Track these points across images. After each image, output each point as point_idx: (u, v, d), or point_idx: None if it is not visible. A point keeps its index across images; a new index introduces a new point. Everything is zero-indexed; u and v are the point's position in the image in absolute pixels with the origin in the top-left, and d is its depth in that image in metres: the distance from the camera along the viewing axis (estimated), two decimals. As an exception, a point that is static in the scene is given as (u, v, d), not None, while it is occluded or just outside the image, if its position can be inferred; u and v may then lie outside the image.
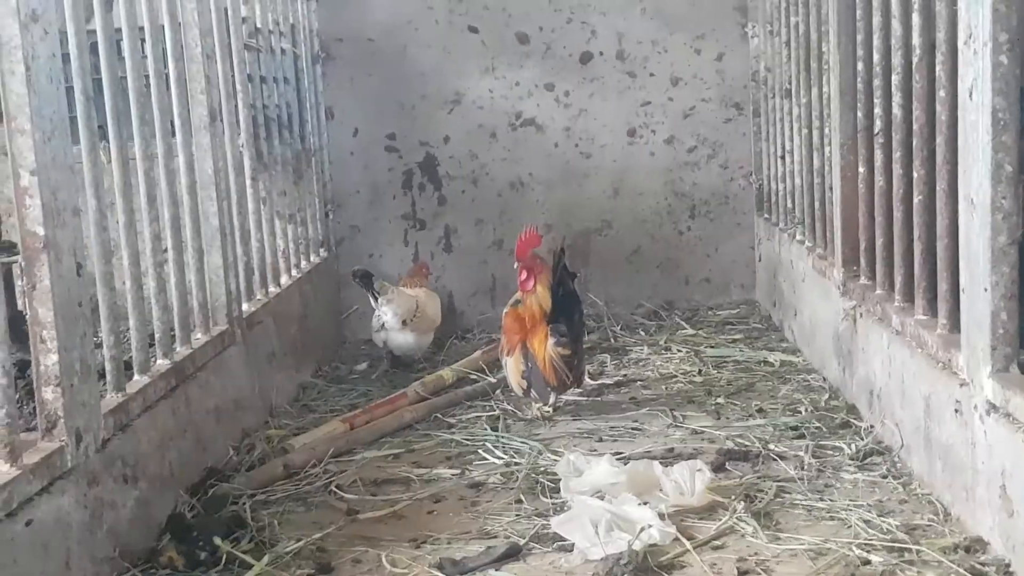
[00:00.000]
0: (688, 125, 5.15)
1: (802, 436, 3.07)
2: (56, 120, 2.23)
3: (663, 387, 3.81)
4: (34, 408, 2.23)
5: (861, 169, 3.20)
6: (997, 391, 2.14)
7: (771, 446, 2.98)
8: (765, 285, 4.94)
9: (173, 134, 3.14)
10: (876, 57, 3.00)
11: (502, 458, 3.07)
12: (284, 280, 4.25)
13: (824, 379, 3.65)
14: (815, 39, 3.76)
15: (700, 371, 3.94)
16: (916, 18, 2.64)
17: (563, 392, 3.60)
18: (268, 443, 3.24)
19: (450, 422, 3.52)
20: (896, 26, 2.80)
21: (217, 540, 2.42)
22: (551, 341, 3.50)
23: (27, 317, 2.22)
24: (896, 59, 2.82)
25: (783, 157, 4.47)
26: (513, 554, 2.35)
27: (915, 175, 2.68)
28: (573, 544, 2.33)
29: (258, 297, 3.87)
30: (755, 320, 4.80)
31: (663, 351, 4.37)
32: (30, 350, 2.23)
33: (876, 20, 2.98)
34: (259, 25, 4.17)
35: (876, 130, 3.02)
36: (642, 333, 4.69)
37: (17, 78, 2.12)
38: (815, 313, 3.83)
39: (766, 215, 4.91)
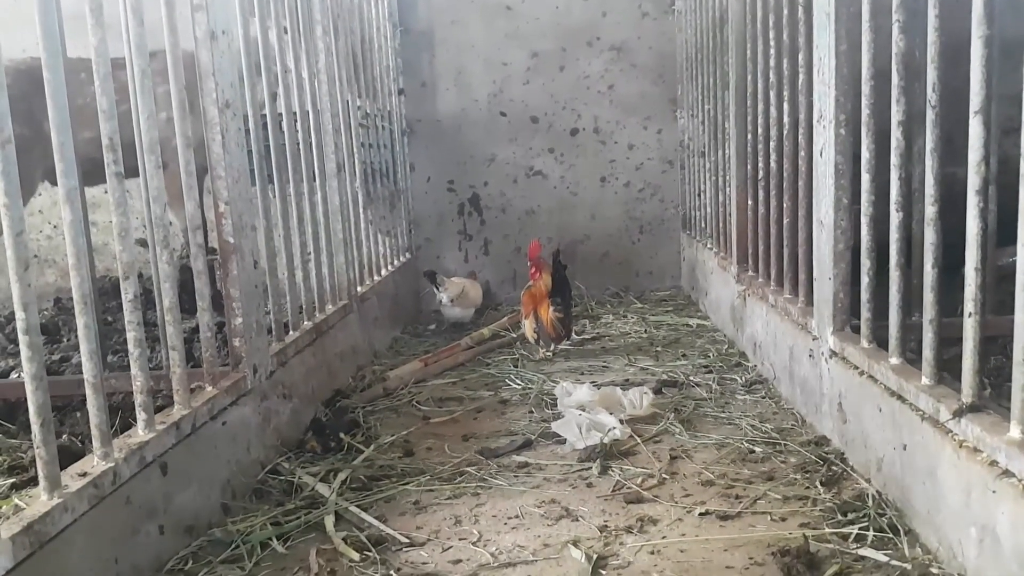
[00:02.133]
0: (639, 174, 5.08)
1: (710, 372, 3.02)
2: (240, 170, 2.22)
3: (622, 341, 3.76)
4: (227, 352, 2.23)
5: (750, 203, 3.14)
6: (836, 343, 2.10)
7: (691, 378, 2.95)
8: (687, 276, 4.87)
9: (314, 179, 3.12)
10: (760, 131, 2.95)
11: (520, 384, 3.05)
12: (383, 272, 4.23)
13: (724, 336, 3.59)
14: (720, 119, 3.70)
15: (646, 331, 3.89)
16: (785, 106, 2.59)
17: (559, 342, 3.56)
18: (373, 375, 3.22)
19: (487, 362, 3.49)
20: (772, 111, 2.75)
21: (342, 435, 2.41)
22: (551, 309, 3.47)
23: (223, 295, 2.21)
24: (772, 131, 2.77)
25: (699, 195, 4.41)
26: (527, 445, 2.33)
27: (785, 206, 2.63)
28: (565, 439, 2.31)
29: (367, 282, 3.85)
30: (680, 299, 4.73)
31: (622, 318, 4.32)
32: (225, 316, 2.23)
33: (760, 107, 2.93)
34: (368, 112, 4.14)
35: (759, 177, 2.97)
36: (608, 306, 4.63)
37: (216, 143, 2.11)
38: (719, 294, 3.78)
39: (688, 231, 4.84)
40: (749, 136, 3.10)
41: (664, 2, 4.93)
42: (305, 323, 2.85)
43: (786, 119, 2.58)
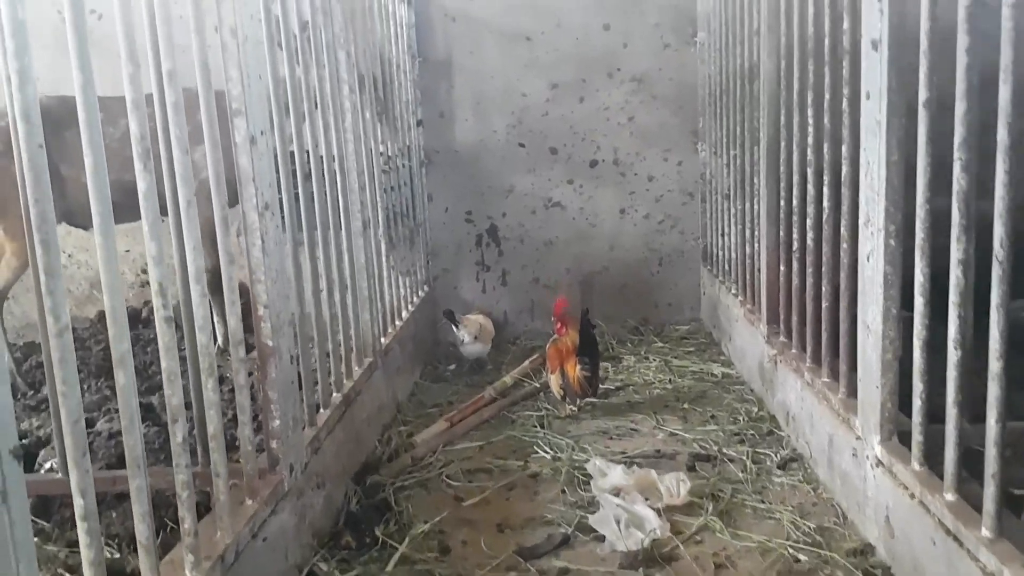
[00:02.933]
0: (659, 206, 5.04)
1: (743, 442, 3.00)
2: (278, 270, 2.18)
3: (647, 392, 3.74)
4: (264, 450, 2.20)
5: (782, 268, 3.10)
6: (883, 454, 2.07)
7: (724, 450, 2.93)
8: (707, 311, 4.84)
9: (342, 243, 3.08)
10: (795, 201, 2.90)
11: (549, 452, 3.03)
12: (404, 314, 4.20)
13: (752, 393, 3.57)
14: (747, 170, 3.65)
15: (670, 380, 3.86)
16: (825, 189, 2.54)
17: (585, 398, 3.54)
18: (400, 438, 3.20)
19: (512, 418, 3.47)
20: (810, 188, 2.71)
21: (376, 530, 2.40)
22: (579, 367, 3.45)
23: (261, 396, 2.19)
24: (810, 209, 2.72)
25: (723, 235, 4.37)
26: (565, 542, 2.31)
27: (824, 289, 2.59)
28: (604, 536, 2.29)
29: (390, 331, 3.82)
30: (702, 336, 4.70)
31: (643, 360, 4.29)
32: (261, 416, 2.20)
33: (795, 178, 2.88)
34: (391, 155, 4.09)
35: (793, 248, 2.92)
36: (629, 345, 4.60)
37: (256, 248, 2.07)
38: (745, 344, 3.74)
39: (709, 267, 4.81)
40: (782, 203, 3.05)
41: (686, 33, 4.86)
42: (335, 396, 2.82)
43: (825, 202, 2.53)
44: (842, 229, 2.37)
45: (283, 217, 2.37)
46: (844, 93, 2.30)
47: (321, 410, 2.68)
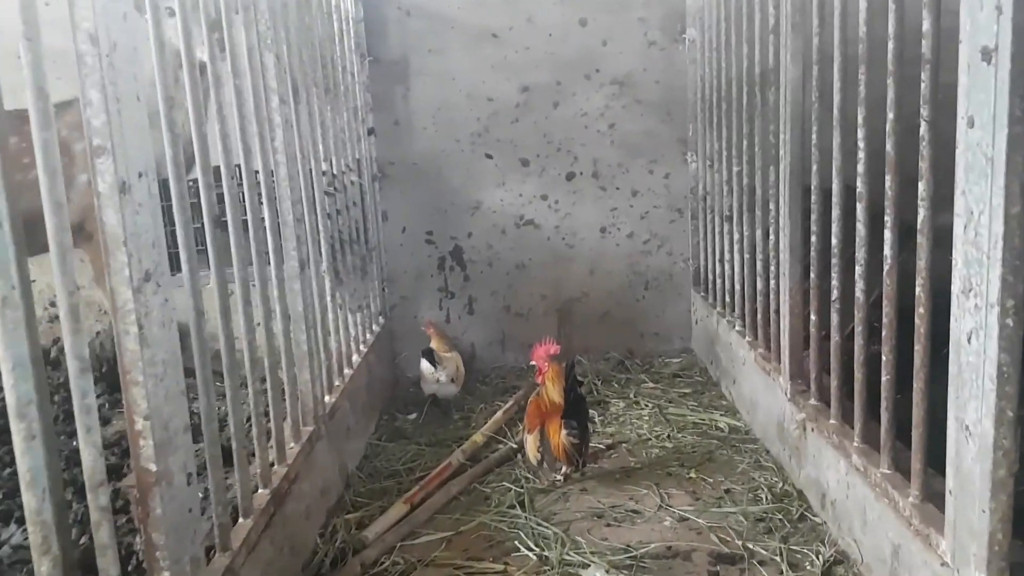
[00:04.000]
0: (644, 224, 4.51)
1: (770, 531, 2.47)
2: (167, 364, 1.57)
3: (643, 452, 3.19)
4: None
5: (813, 317, 2.58)
6: (994, 601, 1.55)
7: (750, 545, 2.39)
8: (702, 344, 4.32)
9: (272, 289, 2.49)
10: (836, 241, 2.38)
11: (534, 550, 2.46)
12: (356, 359, 3.60)
13: (768, 452, 3.05)
14: (758, 191, 3.12)
15: (669, 436, 3.32)
16: (888, 233, 2.02)
17: (571, 468, 2.98)
18: (346, 530, 2.61)
19: (486, 493, 2.90)
20: (860, 227, 2.18)
21: None
22: (564, 432, 2.89)
23: (141, 536, 1.58)
24: (860, 253, 2.20)
25: (720, 261, 3.86)
26: None
27: (884, 358, 2.07)
28: None
29: (337, 384, 3.22)
30: (696, 373, 4.18)
31: (634, 405, 3.76)
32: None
33: (837, 212, 2.35)
34: (335, 172, 3.48)
35: (834, 298, 2.40)
36: (615, 385, 4.06)
37: (131, 338, 1.47)
38: (756, 394, 3.22)
39: (702, 292, 4.29)
40: (814, 237, 2.53)
41: (674, 30, 4.33)
42: (260, 493, 2.22)
43: (887, 249, 2.01)
44: (917, 288, 1.85)
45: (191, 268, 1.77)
46: (923, 115, 1.77)
47: (241, 519, 2.08)
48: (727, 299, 3.69)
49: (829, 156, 2.33)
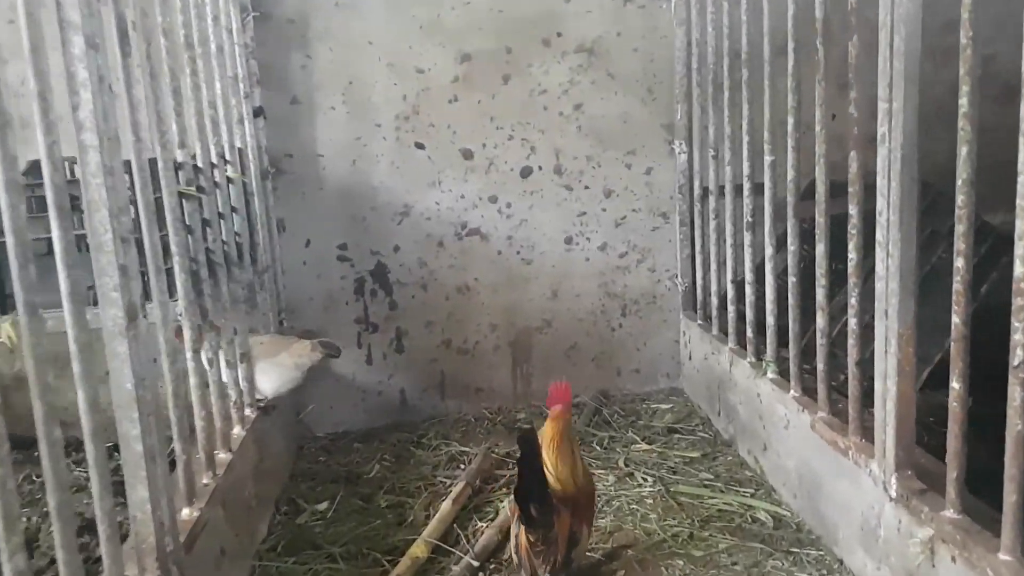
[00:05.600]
0: (620, 233, 3.59)
1: None
2: None
3: (661, 566, 2.25)
4: None
5: (955, 386, 1.69)
6: None
7: None
8: (699, 385, 3.43)
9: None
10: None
11: None
12: (236, 432, 2.55)
13: (842, 562, 2.16)
14: (825, 191, 2.24)
15: (691, 534, 2.40)
16: None
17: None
18: None
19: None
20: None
21: None
22: (522, 526, 1.99)
23: None
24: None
25: (732, 281, 2.98)
26: None
27: None
28: None
29: (204, 483, 2.17)
30: (697, 425, 3.28)
31: (626, 475, 2.83)
32: None
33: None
34: (200, 164, 2.41)
35: (1016, 364, 1.51)
36: (596, 447, 3.12)
37: None
38: (817, 473, 2.33)
39: (700, 321, 3.40)
40: (960, 267, 1.63)
41: (657, -18, 3.43)
42: None
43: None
44: None
45: None
46: None
47: None
48: (750, 333, 2.80)
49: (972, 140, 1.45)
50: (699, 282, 3.40)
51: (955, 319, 1.59)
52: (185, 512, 2.00)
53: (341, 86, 3.31)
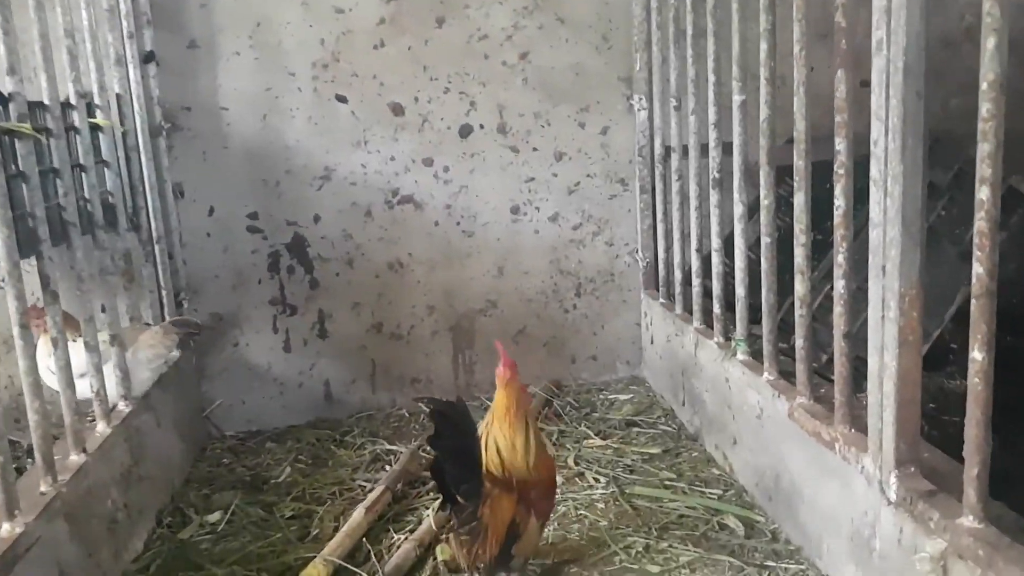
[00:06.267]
0: (573, 201, 3.22)
1: None
2: None
3: (615, 582, 1.89)
4: None
5: (977, 380, 1.34)
6: None
7: None
8: (662, 373, 3.07)
9: None
10: None
11: None
12: (99, 430, 2.14)
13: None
14: (808, 143, 1.88)
15: (647, 547, 2.03)
16: None
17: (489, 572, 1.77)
18: None
19: None
20: None
21: None
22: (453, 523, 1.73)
23: None
24: None
25: (698, 250, 2.62)
26: None
27: None
28: None
29: (42, 491, 1.76)
30: (659, 417, 2.92)
31: (577, 477, 2.46)
32: None
33: None
34: (47, 101, 2.00)
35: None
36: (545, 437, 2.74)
37: None
38: (798, 473, 1.97)
39: (662, 299, 3.05)
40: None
41: (613, -89, 3.06)
42: None
43: None
44: None
45: None
46: None
47: None
48: (717, 310, 2.44)
49: None
50: (661, 256, 3.05)
51: (977, 269, 1.23)
52: (5, 528, 1.59)
53: (247, 28, 2.90)
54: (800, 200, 1.84)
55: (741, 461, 2.30)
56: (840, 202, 1.66)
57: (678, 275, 2.83)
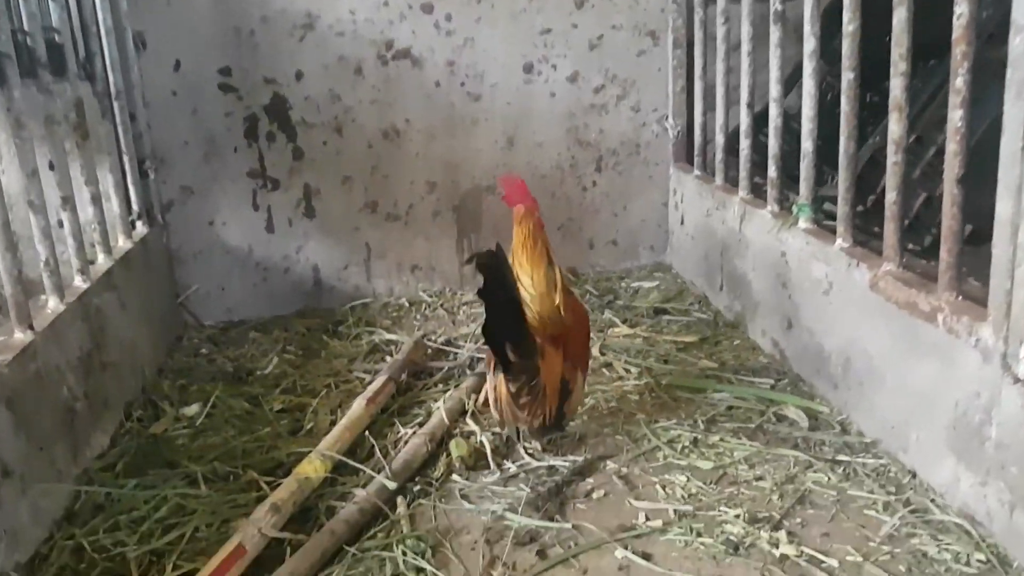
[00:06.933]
0: (595, 59, 2.87)
1: None
2: None
3: (656, 487, 1.64)
4: None
5: None
6: None
7: None
8: (694, 257, 2.80)
9: None
10: None
11: None
12: (52, 305, 1.85)
13: (915, 475, 1.57)
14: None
15: (695, 441, 1.78)
16: None
17: (543, 431, 1.71)
18: None
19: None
20: None
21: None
22: (502, 374, 1.59)
23: None
24: None
25: (749, 105, 2.29)
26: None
27: None
28: None
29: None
30: (692, 305, 2.66)
31: (605, 368, 2.21)
32: None
33: None
34: None
35: None
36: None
37: None
38: (882, 360, 1.70)
39: (698, 172, 2.75)
40: None
41: None
42: None
43: None
44: None
45: None
46: None
47: None
48: (773, 172, 2.14)
49: None
50: (698, 121, 2.73)
51: None
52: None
53: None
54: (902, 15, 1.51)
55: (798, 346, 2.04)
56: (962, 8, 1.34)
57: (719, 141, 2.52)
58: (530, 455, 1.76)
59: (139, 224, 2.57)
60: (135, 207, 2.56)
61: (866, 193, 2.08)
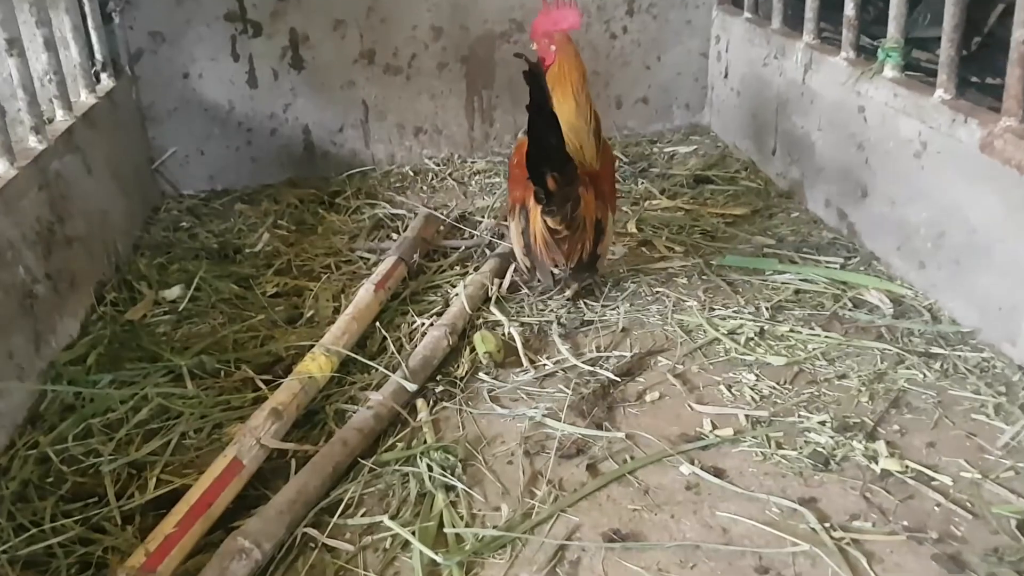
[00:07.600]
0: None
1: None
2: None
3: (720, 387, 1.43)
4: None
5: None
6: None
7: None
8: (739, 116, 2.50)
9: None
10: None
11: None
12: (1, 170, 1.58)
13: (1021, 371, 1.37)
14: None
15: (761, 332, 1.56)
16: None
17: (577, 276, 1.62)
18: None
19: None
20: None
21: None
22: (540, 210, 1.48)
23: None
24: None
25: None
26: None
27: None
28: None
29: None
30: (736, 170, 2.39)
31: (643, 247, 1.97)
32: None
33: None
34: None
35: None
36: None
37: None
38: (986, 235, 1.46)
39: (748, 14, 2.41)
40: None
41: None
42: None
43: None
44: None
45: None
46: None
47: None
48: (851, 9, 1.83)
49: None
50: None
51: None
52: None
53: None
54: None
55: (873, 219, 1.79)
56: None
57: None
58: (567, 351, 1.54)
59: (104, 76, 2.26)
60: (98, 56, 2.24)
61: (969, 34, 1.77)
